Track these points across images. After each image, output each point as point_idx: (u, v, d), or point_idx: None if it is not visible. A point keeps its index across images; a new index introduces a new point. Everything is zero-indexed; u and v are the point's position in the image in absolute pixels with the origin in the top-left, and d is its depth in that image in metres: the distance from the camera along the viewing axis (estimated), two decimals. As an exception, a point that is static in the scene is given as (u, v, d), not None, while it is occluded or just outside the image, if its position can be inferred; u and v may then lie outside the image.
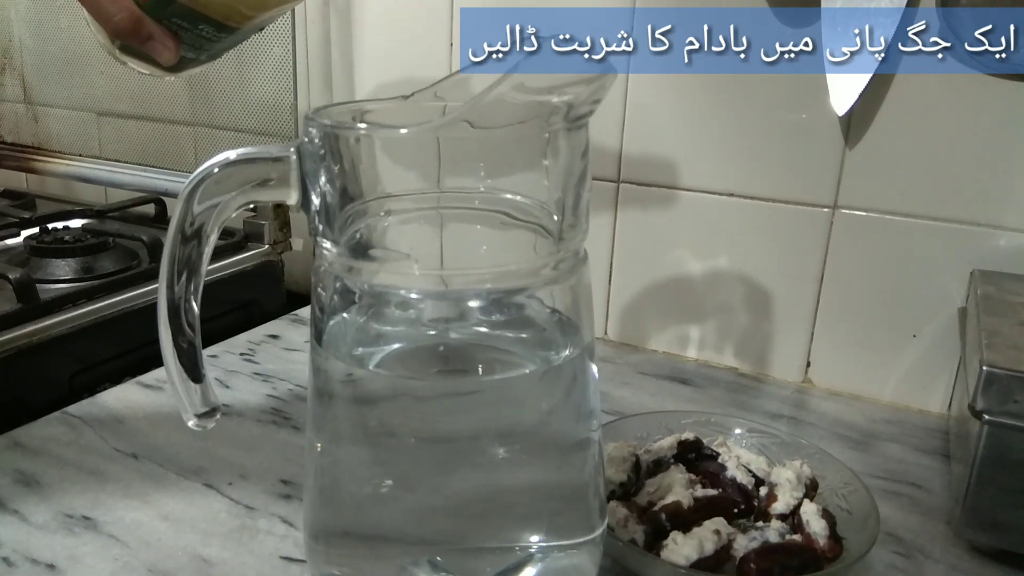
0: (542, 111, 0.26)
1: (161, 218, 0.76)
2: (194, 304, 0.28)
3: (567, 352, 0.29)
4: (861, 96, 0.49)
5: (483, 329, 0.29)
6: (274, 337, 0.63)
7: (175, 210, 0.28)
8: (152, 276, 0.61)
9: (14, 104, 0.93)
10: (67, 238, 0.66)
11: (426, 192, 0.30)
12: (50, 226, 0.70)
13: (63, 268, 0.63)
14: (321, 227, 0.28)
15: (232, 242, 0.69)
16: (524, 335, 0.29)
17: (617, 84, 0.58)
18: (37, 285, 0.55)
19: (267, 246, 0.70)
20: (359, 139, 0.26)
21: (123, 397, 0.52)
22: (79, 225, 0.70)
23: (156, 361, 0.56)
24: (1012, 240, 0.49)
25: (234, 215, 0.28)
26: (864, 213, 0.53)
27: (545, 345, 0.29)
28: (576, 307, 0.29)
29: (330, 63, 0.71)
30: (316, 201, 0.28)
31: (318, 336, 0.28)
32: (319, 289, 0.28)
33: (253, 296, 0.69)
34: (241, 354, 0.60)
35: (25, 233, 0.68)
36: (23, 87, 0.91)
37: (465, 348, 0.29)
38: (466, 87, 0.31)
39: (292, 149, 0.27)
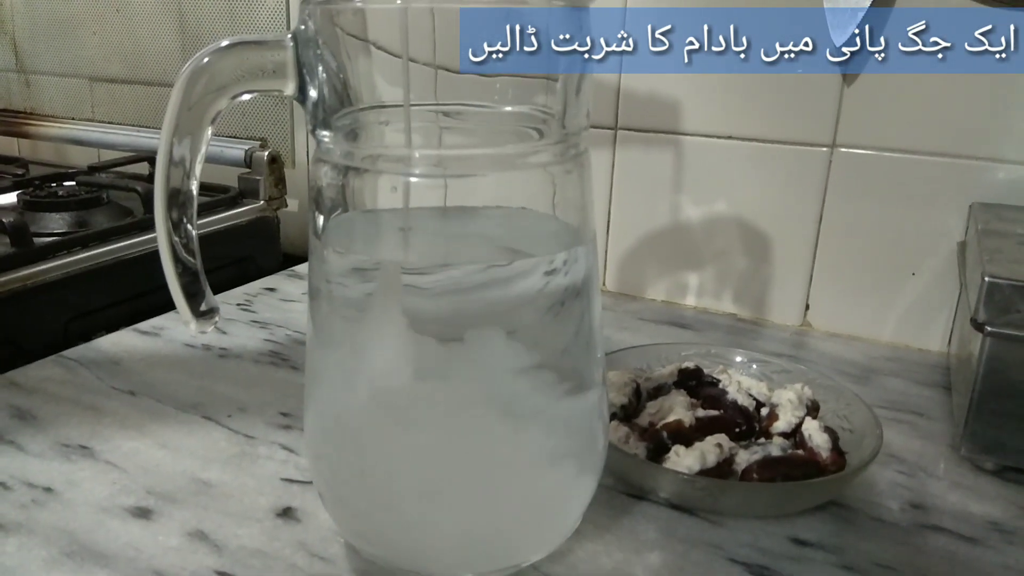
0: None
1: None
2: (190, 213, 0.28)
3: (570, 247, 0.28)
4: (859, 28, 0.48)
5: (484, 222, 0.29)
6: (271, 290, 0.63)
7: (169, 104, 0.27)
8: (147, 227, 0.61)
9: (5, 72, 0.92)
10: (61, 193, 0.65)
11: (425, 104, 0.29)
12: (43, 184, 0.69)
13: (57, 222, 0.62)
14: (319, 120, 0.27)
15: (227, 197, 0.68)
16: (525, 229, 0.29)
17: (613, 32, 0.58)
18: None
19: (262, 202, 0.69)
20: (354, 14, 0.26)
21: (119, 342, 0.52)
22: (73, 184, 0.70)
23: (152, 311, 0.56)
24: (1011, 173, 0.49)
25: (228, 104, 0.27)
26: (863, 151, 0.53)
27: (547, 239, 0.29)
28: (580, 202, 0.29)
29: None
30: (314, 94, 0.28)
31: (316, 230, 0.28)
32: (318, 180, 0.28)
33: (248, 252, 0.68)
34: (238, 304, 0.59)
35: (18, 192, 0.68)
36: (15, 53, 0.90)
37: (466, 240, 0.29)
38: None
39: (288, 35, 0.27)
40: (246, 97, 0.28)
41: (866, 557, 0.33)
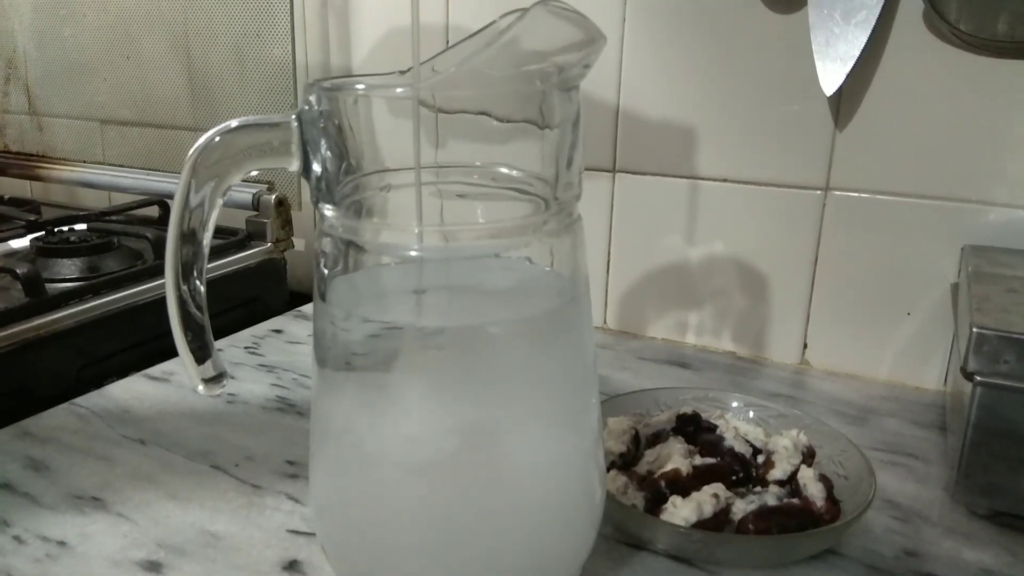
0: (533, 74, 0.27)
1: (165, 220, 0.77)
2: (199, 273, 0.29)
3: (565, 306, 0.29)
4: (849, 76, 0.50)
5: (482, 284, 0.30)
6: (277, 332, 0.64)
7: (180, 178, 0.29)
8: (157, 273, 0.62)
9: (19, 115, 0.94)
10: (72, 239, 0.67)
11: (424, 167, 0.30)
12: (55, 229, 0.71)
13: (69, 267, 0.64)
14: (323, 193, 0.29)
15: (235, 240, 0.70)
16: (523, 291, 0.30)
17: (611, 78, 0.59)
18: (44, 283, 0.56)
19: (269, 244, 0.71)
20: (356, 100, 0.27)
21: (129, 388, 0.53)
22: (84, 227, 0.71)
23: (162, 356, 0.57)
24: (1002, 215, 0.50)
25: (237, 182, 0.29)
26: (856, 194, 0.54)
27: (544, 299, 0.30)
28: (573, 265, 0.30)
29: (329, 65, 0.72)
30: (317, 169, 0.29)
31: (322, 294, 0.29)
32: (322, 249, 0.29)
33: (256, 293, 0.70)
34: (245, 347, 0.61)
35: (31, 236, 0.69)
36: (28, 97, 0.92)
37: (464, 302, 0.30)
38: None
39: (293, 116, 0.28)
40: (254, 173, 0.29)
41: (860, 607, 0.33)
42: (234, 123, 0.28)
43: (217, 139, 0.28)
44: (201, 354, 0.31)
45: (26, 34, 0.90)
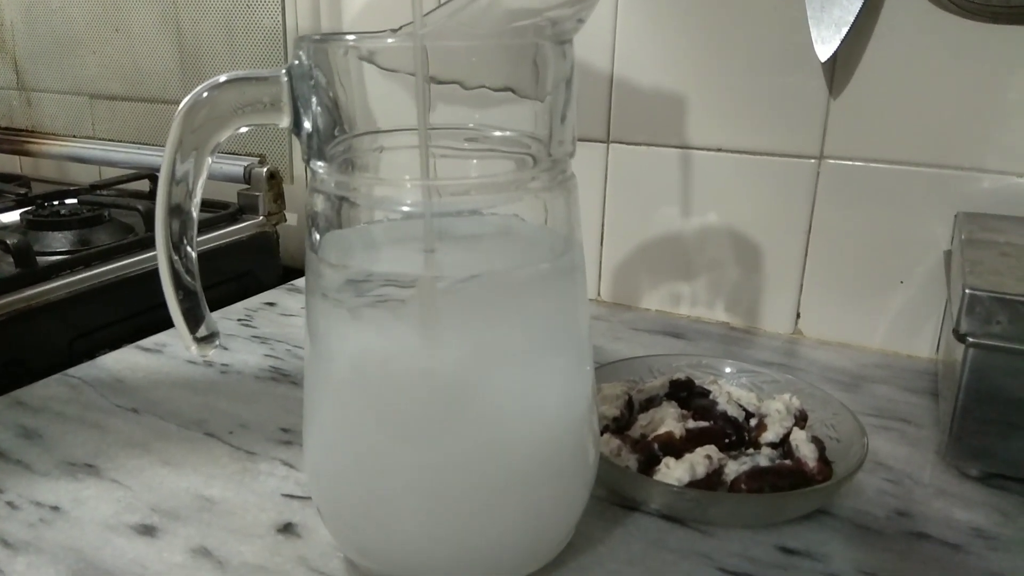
0: (526, 28, 0.27)
1: (156, 194, 0.76)
2: (190, 237, 0.29)
3: (559, 260, 0.29)
4: (843, 42, 0.49)
5: (475, 238, 0.30)
6: (271, 304, 0.64)
7: (168, 139, 0.28)
8: (149, 245, 0.62)
9: (7, 90, 0.93)
10: (63, 212, 0.66)
11: (416, 128, 0.30)
12: (46, 203, 0.70)
13: (60, 240, 0.63)
14: (314, 150, 0.28)
15: (226, 213, 0.69)
16: (517, 246, 0.30)
17: (605, 48, 0.59)
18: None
19: (262, 217, 0.70)
20: (346, 51, 0.27)
21: (122, 359, 0.53)
22: (75, 201, 0.71)
23: (155, 328, 0.57)
24: (995, 182, 0.50)
25: (226, 138, 0.28)
26: (850, 162, 0.54)
27: (538, 253, 0.30)
28: (567, 222, 0.30)
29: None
30: (308, 125, 0.29)
31: (314, 250, 0.29)
32: (314, 207, 0.29)
33: (248, 267, 0.69)
34: (239, 320, 0.60)
35: (21, 210, 0.69)
36: (16, 72, 0.91)
37: (458, 256, 0.30)
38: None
39: (283, 70, 0.28)
40: (243, 130, 0.29)
41: (852, 565, 0.34)
42: (222, 78, 0.28)
43: (205, 94, 0.28)
44: (193, 315, 0.31)
45: (14, 7, 0.88)
